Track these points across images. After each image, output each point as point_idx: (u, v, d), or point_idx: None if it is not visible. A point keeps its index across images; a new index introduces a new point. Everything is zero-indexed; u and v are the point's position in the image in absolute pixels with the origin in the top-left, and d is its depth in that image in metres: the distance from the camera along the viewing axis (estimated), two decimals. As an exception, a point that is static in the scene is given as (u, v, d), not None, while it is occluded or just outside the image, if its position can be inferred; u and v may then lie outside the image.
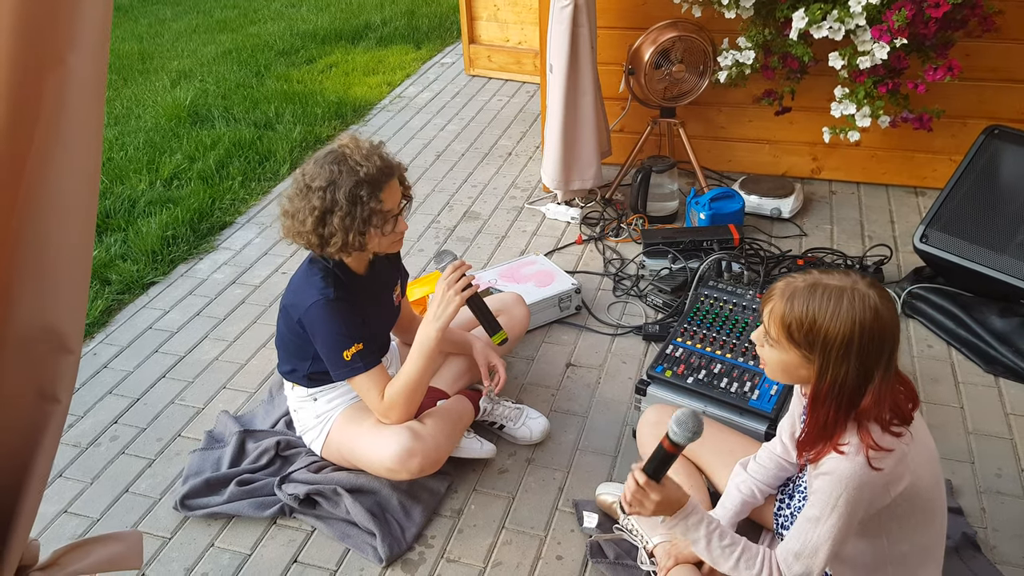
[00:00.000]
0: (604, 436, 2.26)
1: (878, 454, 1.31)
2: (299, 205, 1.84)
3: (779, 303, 1.36)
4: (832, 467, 1.34)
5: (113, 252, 3.22)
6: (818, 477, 1.36)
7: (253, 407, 2.44)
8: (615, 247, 3.13)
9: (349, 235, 1.82)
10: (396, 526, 1.98)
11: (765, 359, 1.44)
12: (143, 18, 6.67)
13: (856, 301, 1.30)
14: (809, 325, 1.32)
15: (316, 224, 1.82)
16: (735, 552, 1.42)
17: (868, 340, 1.29)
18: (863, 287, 1.32)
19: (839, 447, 1.34)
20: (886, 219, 3.21)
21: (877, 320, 1.29)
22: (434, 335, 1.91)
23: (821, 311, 1.31)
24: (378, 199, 1.82)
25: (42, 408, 0.90)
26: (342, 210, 1.79)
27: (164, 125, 4.41)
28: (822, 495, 1.34)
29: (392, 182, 1.86)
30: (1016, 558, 1.85)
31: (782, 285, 1.38)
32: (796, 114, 3.24)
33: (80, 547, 1.00)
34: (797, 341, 1.34)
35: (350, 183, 1.78)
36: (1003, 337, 2.43)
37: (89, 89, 0.84)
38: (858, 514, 1.34)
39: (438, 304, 1.90)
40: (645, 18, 3.21)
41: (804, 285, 1.35)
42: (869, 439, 1.32)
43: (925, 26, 2.52)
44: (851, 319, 1.29)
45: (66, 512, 2.11)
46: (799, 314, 1.33)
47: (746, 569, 1.41)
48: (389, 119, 4.48)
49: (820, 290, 1.32)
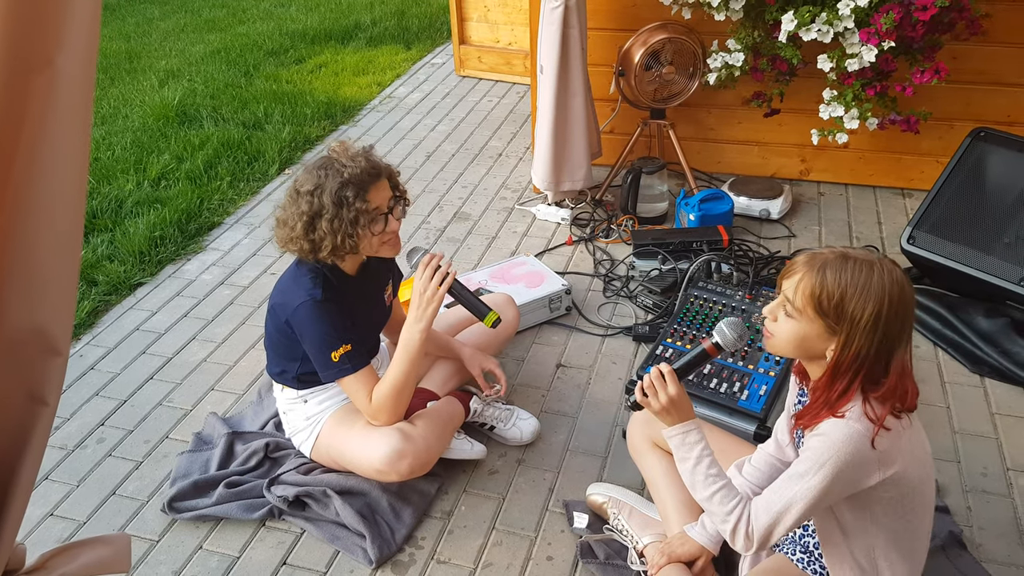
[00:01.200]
0: (594, 437, 2.26)
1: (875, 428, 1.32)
2: (290, 211, 1.85)
3: (808, 274, 1.36)
4: (828, 429, 1.34)
5: (100, 253, 3.20)
6: (812, 437, 1.37)
7: (242, 409, 2.42)
8: (605, 248, 3.14)
9: (338, 237, 1.81)
10: (386, 528, 1.97)
11: (776, 332, 1.43)
12: (131, 17, 6.63)
13: (886, 274, 1.32)
14: (840, 296, 1.33)
15: (305, 229, 1.82)
16: (716, 484, 1.44)
17: (894, 314, 1.31)
18: (888, 263, 1.34)
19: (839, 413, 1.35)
20: (873, 220, 3.23)
21: (903, 295, 1.32)
22: (418, 336, 1.90)
23: (853, 282, 1.32)
24: (364, 199, 1.81)
25: (30, 410, 0.89)
26: (329, 212, 1.79)
27: (152, 125, 4.39)
28: (812, 453, 1.34)
29: (379, 183, 1.86)
30: (1001, 556, 1.87)
31: (806, 258, 1.38)
32: (785, 116, 3.26)
33: (67, 550, 1.00)
34: (825, 311, 1.35)
35: (335, 185, 1.79)
36: (989, 337, 2.46)
37: (77, 90, 0.83)
38: (841, 481, 1.33)
39: (417, 305, 1.90)
40: (635, 20, 3.22)
41: (834, 257, 1.36)
42: (872, 413, 1.33)
43: (913, 29, 2.54)
44: (881, 291, 1.31)
45: (52, 515, 2.09)
46: (831, 285, 1.33)
47: (719, 504, 1.42)
48: (379, 119, 4.47)
49: (851, 262, 1.34)
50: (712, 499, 1.43)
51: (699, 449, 1.47)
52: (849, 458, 1.32)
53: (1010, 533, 1.93)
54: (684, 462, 1.48)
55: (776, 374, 2.04)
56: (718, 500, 1.43)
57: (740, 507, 1.41)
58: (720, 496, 1.43)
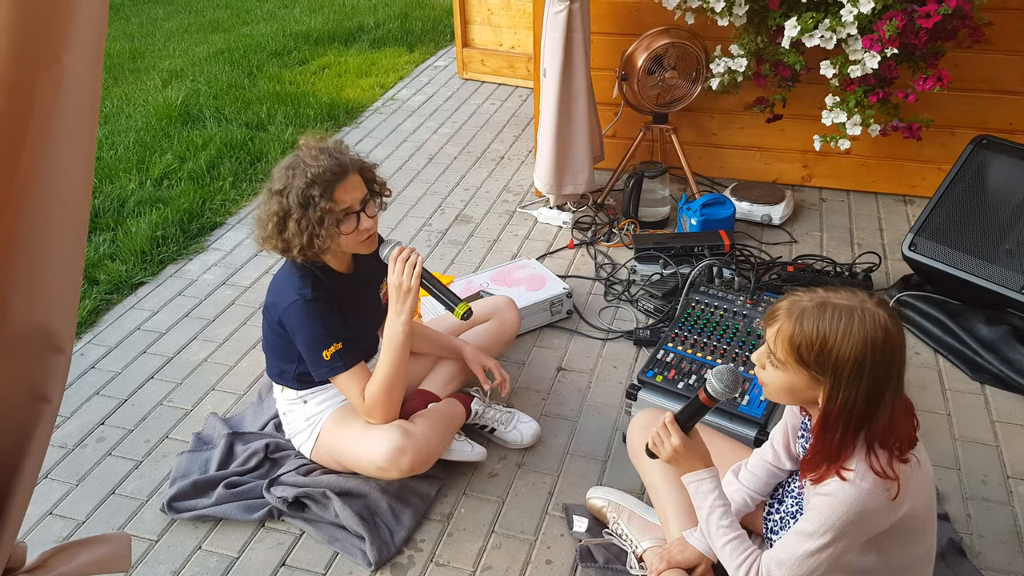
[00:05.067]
0: (594, 440, 2.26)
1: (885, 482, 1.29)
2: (264, 211, 1.86)
3: (786, 323, 1.32)
4: (834, 490, 1.31)
5: (102, 252, 3.20)
6: (818, 496, 1.34)
7: (242, 409, 2.42)
8: (607, 252, 3.14)
9: (304, 237, 1.80)
10: (385, 530, 1.97)
11: (766, 381, 1.40)
12: (134, 17, 6.64)
13: (867, 320, 1.26)
14: (820, 345, 1.28)
15: (277, 228, 1.83)
16: (729, 535, 1.44)
17: (879, 360, 1.26)
18: (872, 306, 1.29)
19: (844, 472, 1.31)
20: (875, 227, 3.23)
21: (888, 339, 1.26)
22: (401, 329, 1.90)
23: (832, 331, 1.27)
24: (331, 199, 1.80)
25: (33, 408, 0.90)
26: (296, 213, 1.79)
27: (155, 125, 4.39)
28: (819, 513, 1.32)
29: (347, 180, 1.83)
30: (1001, 564, 1.87)
31: (787, 305, 1.34)
32: (787, 122, 3.27)
33: (68, 549, 1.00)
34: (807, 362, 1.30)
35: (301, 184, 1.78)
36: (990, 345, 2.45)
37: (84, 89, 0.83)
38: (854, 540, 1.32)
39: (396, 299, 1.89)
40: (638, 24, 3.23)
41: (812, 304, 1.31)
42: (877, 465, 1.29)
43: (916, 36, 2.54)
44: (863, 338, 1.26)
45: (51, 514, 2.09)
46: (809, 334, 1.28)
47: (731, 555, 1.42)
48: (381, 121, 4.47)
49: (830, 309, 1.29)
50: (724, 549, 1.44)
51: (712, 499, 1.46)
52: (859, 518, 1.29)
53: (1010, 541, 1.92)
54: (699, 509, 1.48)
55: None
56: (729, 551, 1.43)
57: (751, 560, 1.41)
58: (732, 547, 1.43)
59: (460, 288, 2.72)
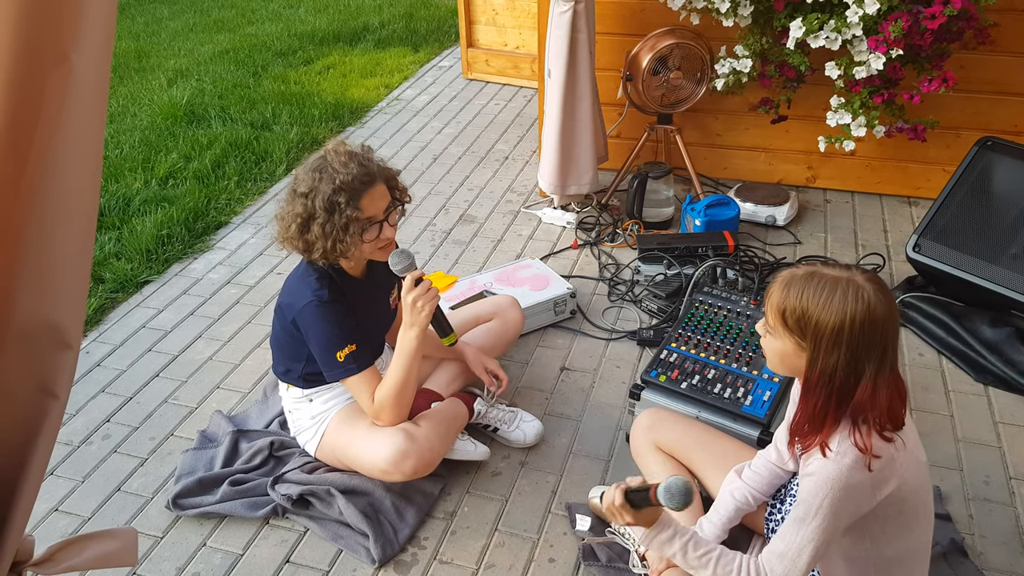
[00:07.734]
0: (597, 440, 2.27)
1: (866, 458, 1.32)
2: (287, 210, 1.87)
3: (777, 291, 1.39)
4: (817, 468, 1.35)
5: (107, 250, 3.21)
6: (804, 479, 1.38)
7: (247, 407, 2.43)
8: (610, 252, 3.14)
9: (328, 242, 1.82)
10: (389, 527, 1.98)
11: (765, 349, 1.47)
12: (140, 16, 6.66)
13: (850, 292, 1.32)
14: (801, 312, 1.35)
15: (299, 230, 1.84)
16: (711, 560, 1.42)
17: (859, 332, 1.31)
18: (860, 280, 1.33)
19: (826, 447, 1.34)
20: (879, 228, 3.23)
21: (869, 313, 1.31)
22: (413, 338, 1.91)
23: (814, 300, 1.33)
24: (356, 207, 1.81)
25: (40, 403, 0.90)
26: (321, 218, 1.80)
27: (160, 124, 4.41)
28: (806, 495, 1.35)
29: (373, 189, 1.85)
30: (1003, 564, 1.87)
31: (783, 275, 1.41)
32: (792, 123, 3.26)
33: (75, 543, 1.00)
34: (791, 328, 1.37)
35: (328, 190, 1.79)
36: (993, 347, 2.45)
37: (92, 88, 0.84)
38: (843, 517, 1.34)
39: (410, 312, 1.90)
40: (643, 25, 3.23)
41: (802, 274, 1.38)
42: (860, 441, 1.33)
43: (921, 37, 2.54)
44: (842, 309, 1.31)
45: (57, 510, 2.10)
46: (793, 302, 1.36)
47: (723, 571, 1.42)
48: (386, 121, 4.48)
49: (816, 279, 1.35)
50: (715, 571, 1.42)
51: (678, 543, 1.43)
52: (843, 494, 1.32)
53: (1012, 541, 1.92)
54: (673, 558, 1.46)
55: (780, 380, 2.04)
56: (720, 570, 1.42)
57: (744, 566, 1.40)
58: (720, 566, 1.41)
59: (464, 288, 2.73)
